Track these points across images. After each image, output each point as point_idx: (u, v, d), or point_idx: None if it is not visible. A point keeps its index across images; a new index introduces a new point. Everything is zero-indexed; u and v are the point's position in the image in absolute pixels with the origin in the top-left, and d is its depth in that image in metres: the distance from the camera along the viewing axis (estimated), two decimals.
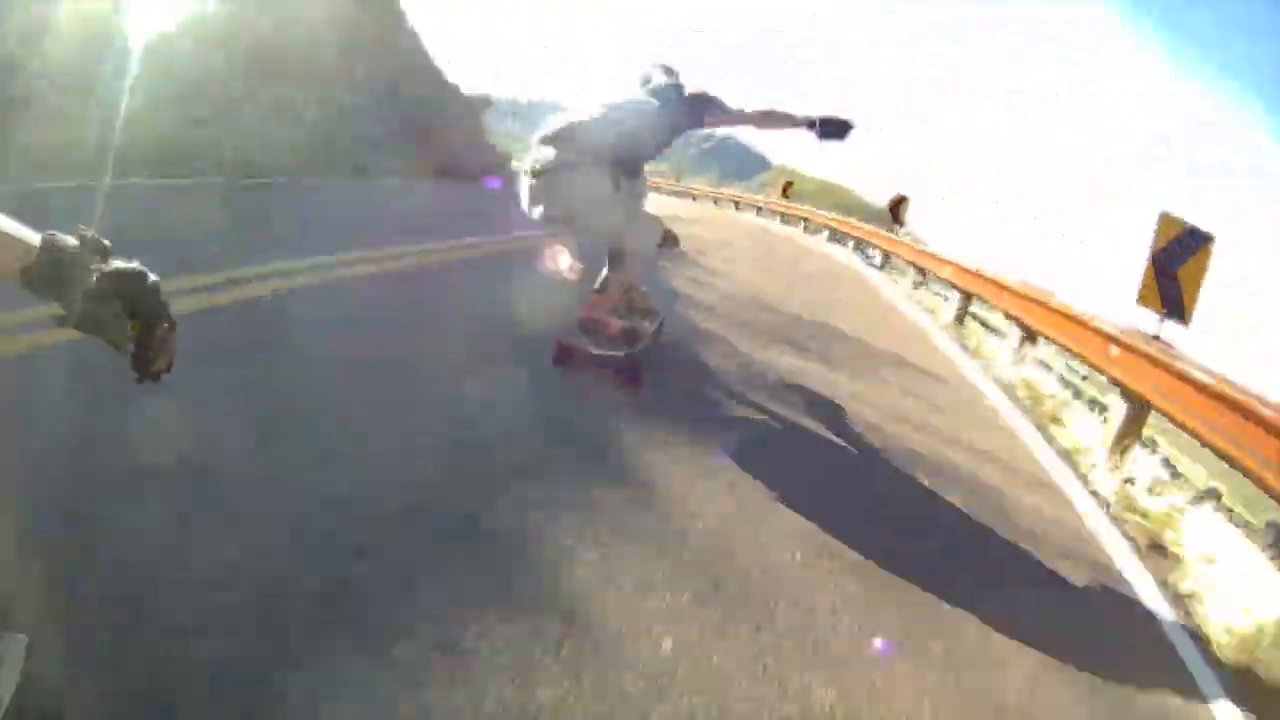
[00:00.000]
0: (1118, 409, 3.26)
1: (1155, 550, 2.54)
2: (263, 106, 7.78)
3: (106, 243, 0.68)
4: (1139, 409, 3.15)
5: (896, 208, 11.16)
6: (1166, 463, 3.55)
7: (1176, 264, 3.33)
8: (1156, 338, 3.39)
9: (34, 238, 0.64)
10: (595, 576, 1.55)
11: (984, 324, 6.96)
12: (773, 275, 7.67)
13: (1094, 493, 2.89)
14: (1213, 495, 3.21)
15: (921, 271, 8.85)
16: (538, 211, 2.65)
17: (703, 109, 2.74)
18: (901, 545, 2.03)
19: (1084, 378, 5.47)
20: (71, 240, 0.66)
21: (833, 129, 2.70)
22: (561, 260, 3.44)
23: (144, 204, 4.39)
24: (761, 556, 1.81)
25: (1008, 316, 5.26)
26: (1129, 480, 2.97)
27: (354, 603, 1.31)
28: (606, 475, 2.07)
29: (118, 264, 0.67)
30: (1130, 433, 3.17)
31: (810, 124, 2.70)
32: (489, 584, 1.46)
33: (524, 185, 2.66)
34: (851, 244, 12.75)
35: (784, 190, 21.30)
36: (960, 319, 6.67)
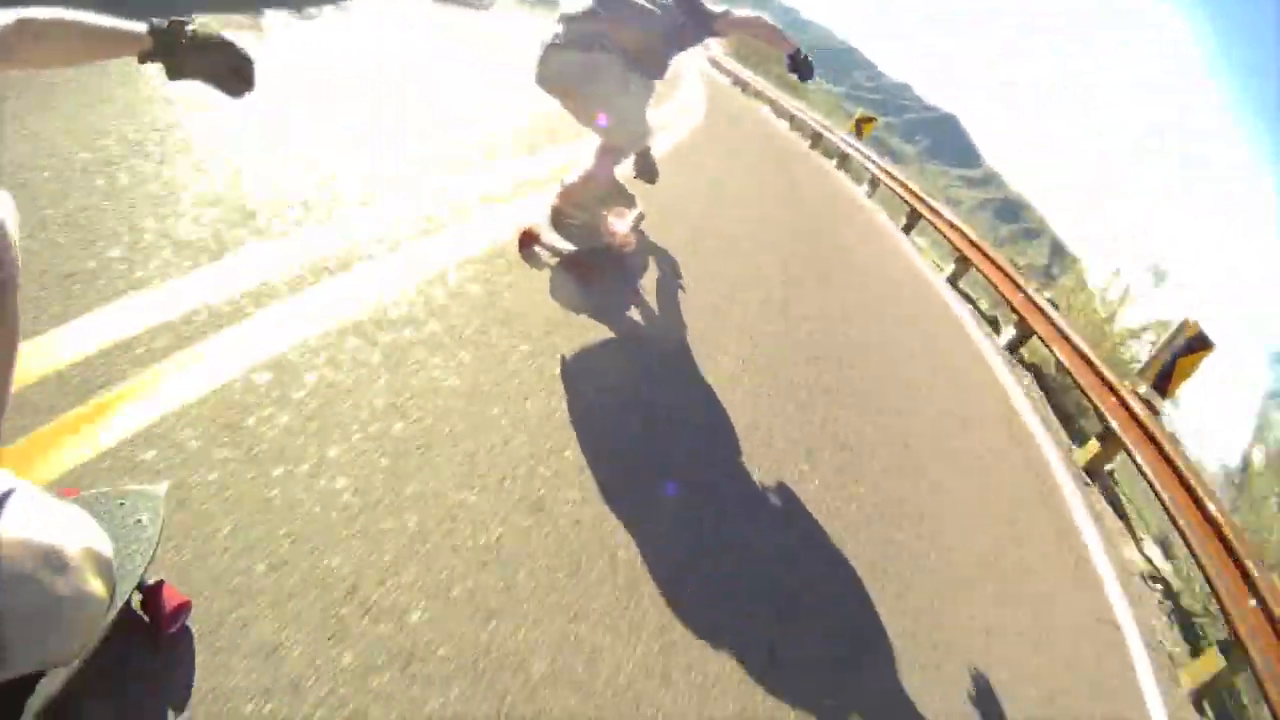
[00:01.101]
0: None
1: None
2: None
3: (185, 20, 1.06)
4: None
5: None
6: None
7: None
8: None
9: (140, 27, 1.02)
10: None
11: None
12: None
13: None
14: None
15: None
16: (542, 74, 2.79)
17: (712, 18, 2.89)
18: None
19: None
20: (163, 22, 1.04)
21: (805, 68, 2.88)
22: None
23: None
24: None
25: None
26: None
27: None
28: None
29: (200, 30, 1.06)
30: None
31: (792, 54, 2.87)
32: None
33: (541, 52, 2.77)
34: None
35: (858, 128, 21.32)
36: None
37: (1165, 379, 4.81)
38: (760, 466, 2.51)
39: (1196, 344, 4.70)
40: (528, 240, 2.95)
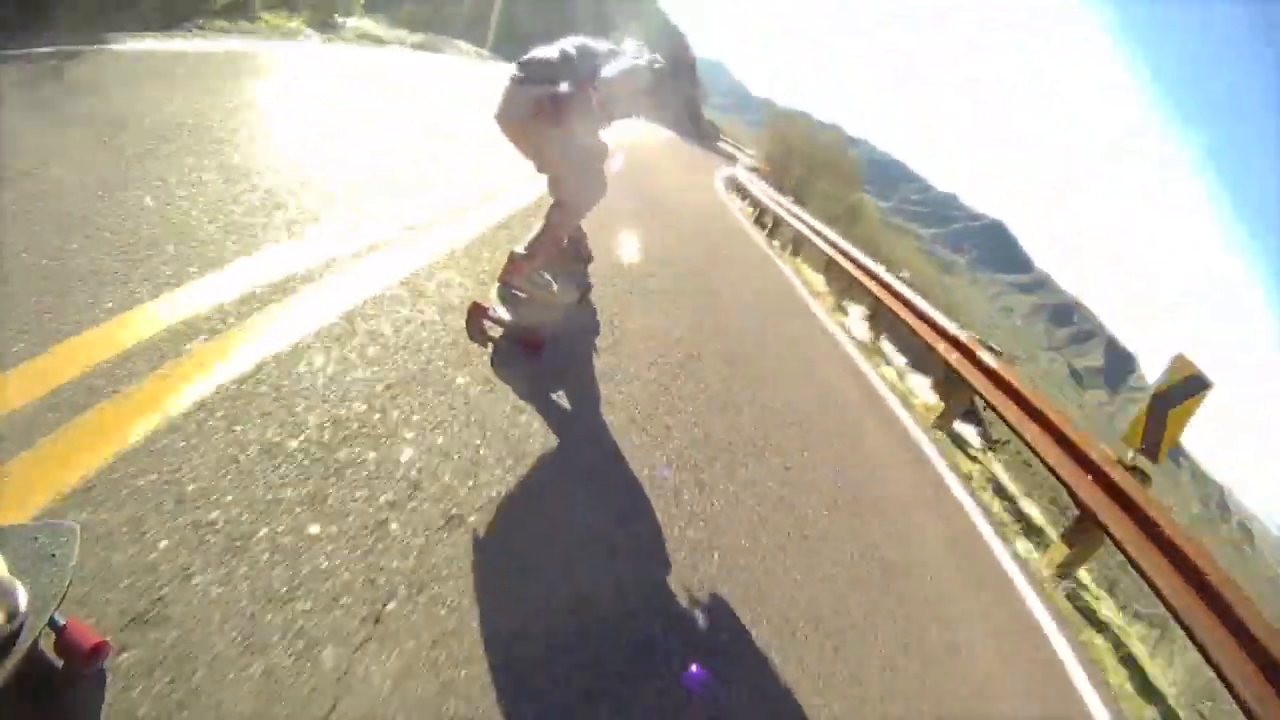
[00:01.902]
0: None
1: None
2: None
3: None
4: None
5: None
6: None
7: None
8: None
9: None
10: None
11: None
12: None
13: None
14: None
15: None
16: (499, 110, 2.65)
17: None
18: None
19: None
20: None
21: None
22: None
23: None
24: None
25: None
26: None
27: None
28: None
29: None
30: None
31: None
32: None
33: (507, 88, 2.64)
34: None
35: None
36: None
37: (1155, 440, 3.38)
38: None
39: (1193, 386, 3.30)
40: (476, 314, 2.66)
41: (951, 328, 5.19)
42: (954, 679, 2.21)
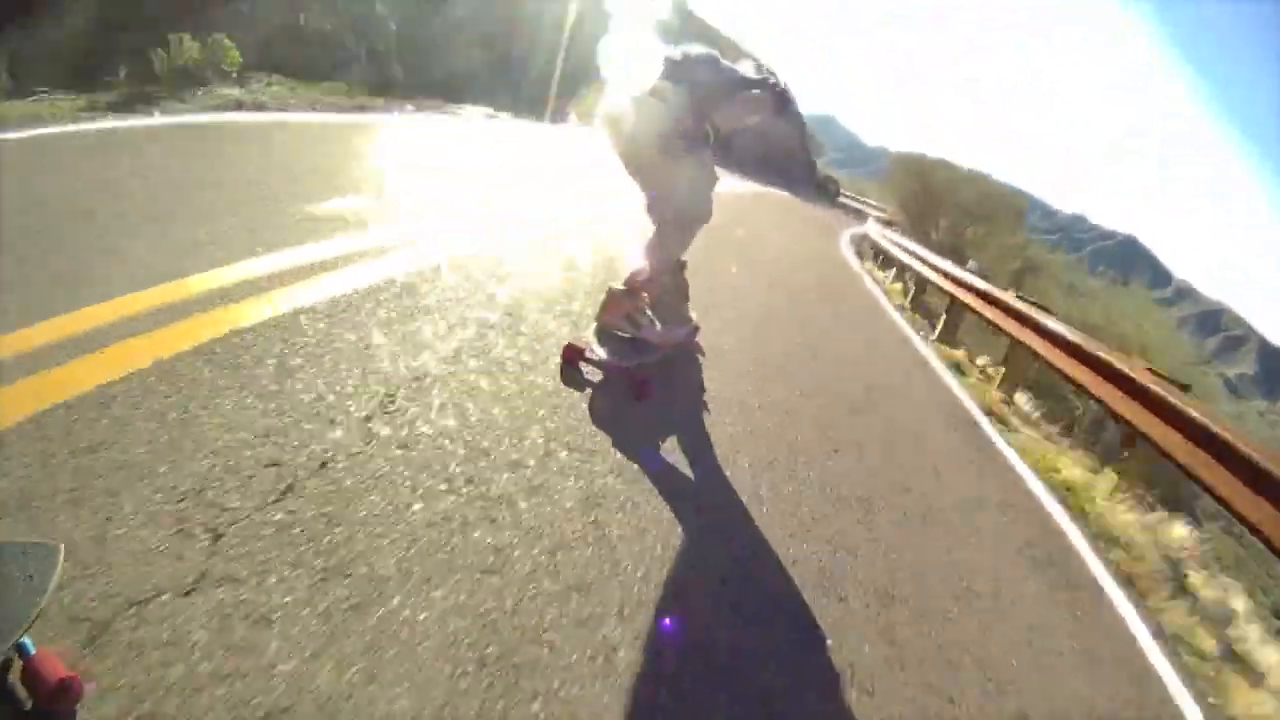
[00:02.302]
0: None
1: None
2: None
3: None
4: None
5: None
6: None
7: None
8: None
9: None
10: None
11: None
12: None
13: None
14: None
15: None
16: (612, 122, 2.52)
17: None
18: None
19: None
20: None
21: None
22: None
23: None
24: None
25: None
26: None
27: None
28: None
29: None
30: None
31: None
32: None
33: (615, 98, 2.52)
34: None
35: None
36: None
37: None
38: None
39: None
40: (571, 357, 2.54)
41: None
42: None
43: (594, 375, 2.53)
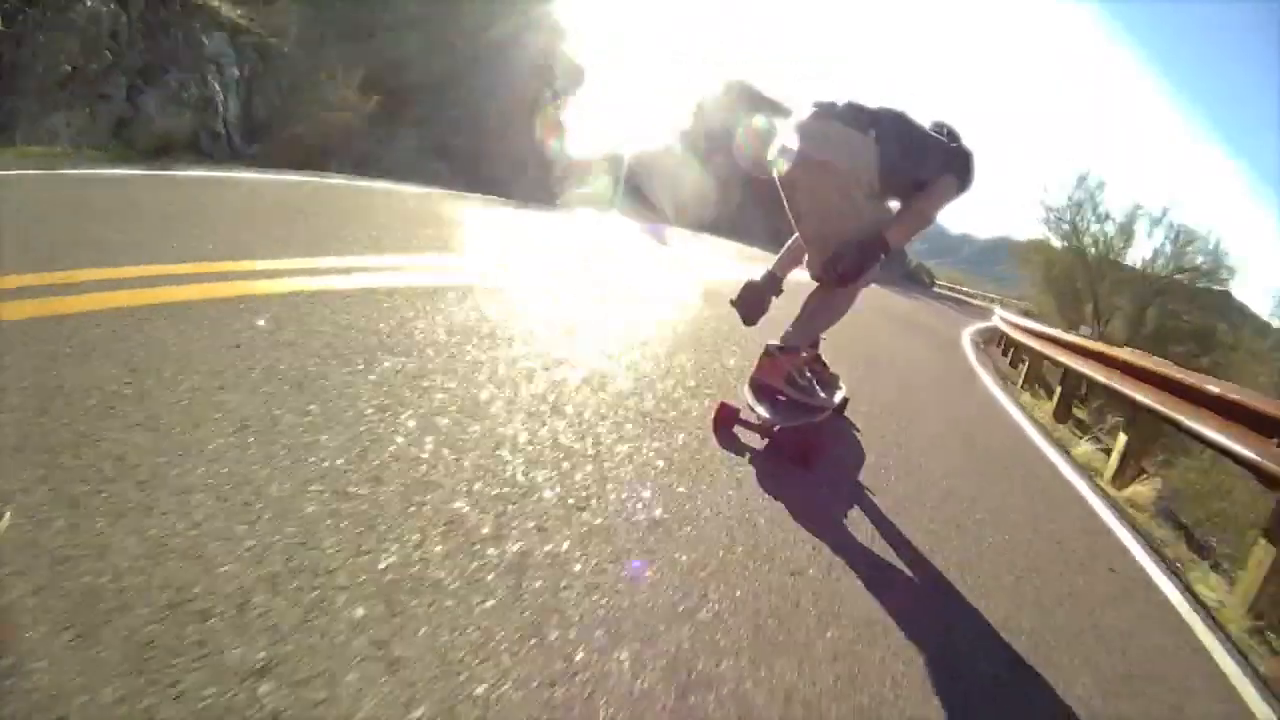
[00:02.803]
0: None
1: None
2: None
3: None
4: None
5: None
6: None
7: None
8: None
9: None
10: None
11: None
12: None
13: None
14: None
15: None
16: (791, 146, 2.14)
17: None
18: None
19: None
20: None
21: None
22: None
23: None
24: None
25: None
26: None
27: None
28: None
29: None
30: None
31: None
32: None
33: (797, 128, 2.16)
34: None
35: None
36: None
37: None
38: None
39: None
40: (726, 419, 2.37)
41: None
42: None
43: (750, 438, 2.34)
